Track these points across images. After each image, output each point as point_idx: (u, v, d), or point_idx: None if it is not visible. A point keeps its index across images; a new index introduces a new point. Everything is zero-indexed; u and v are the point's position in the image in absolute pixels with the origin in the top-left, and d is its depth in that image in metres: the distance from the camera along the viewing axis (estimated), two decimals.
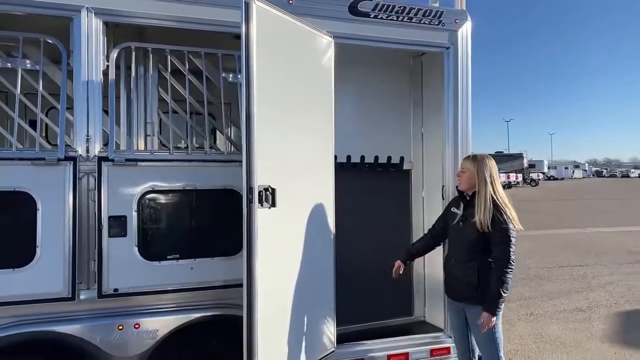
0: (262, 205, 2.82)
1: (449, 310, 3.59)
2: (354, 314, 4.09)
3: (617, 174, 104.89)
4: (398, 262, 3.62)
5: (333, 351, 3.52)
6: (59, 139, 2.98)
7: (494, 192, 3.19)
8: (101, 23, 3.13)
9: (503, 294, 3.09)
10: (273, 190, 2.87)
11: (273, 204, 2.88)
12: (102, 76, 3.13)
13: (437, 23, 3.89)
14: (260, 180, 2.80)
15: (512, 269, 3.11)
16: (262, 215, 2.81)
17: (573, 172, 79.07)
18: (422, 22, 3.85)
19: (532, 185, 51.10)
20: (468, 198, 3.32)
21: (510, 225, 3.14)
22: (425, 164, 4.63)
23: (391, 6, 3.75)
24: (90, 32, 3.08)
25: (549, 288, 8.18)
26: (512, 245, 3.11)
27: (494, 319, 3.12)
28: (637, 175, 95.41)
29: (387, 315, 4.53)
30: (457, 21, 3.96)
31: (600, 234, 14.79)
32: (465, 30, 3.99)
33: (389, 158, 4.50)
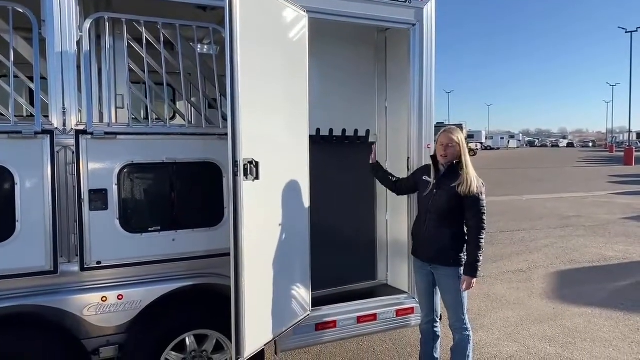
0: (247, 178, 2.91)
1: (415, 272, 3.84)
2: (322, 279, 4.27)
3: (548, 143, 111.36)
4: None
5: (308, 314, 3.71)
6: (35, 112, 2.92)
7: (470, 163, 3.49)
8: None
9: (480, 258, 3.40)
10: (257, 163, 2.96)
11: (257, 177, 2.97)
12: (76, 47, 3.06)
13: (404, 0, 4.03)
14: (245, 153, 2.89)
15: (484, 233, 3.41)
16: (247, 188, 2.91)
17: (508, 142, 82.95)
18: None
19: (471, 155, 52.77)
20: (445, 168, 3.54)
21: (483, 196, 3.42)
22: (388, 137, 4.82)
23: None
24: (63, 0, 2.99)
25: (493, 251, 8.76)
26: (485, 214, 3.41)
27: (474, 280, 3.43)
28: (566, 145, 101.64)
29: (353, 280, 4.77)
30: None
31: (534, 201, 15.79)
32: (430, 8, 4.15)
33: (356, 131, 4.67)
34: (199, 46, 4.06)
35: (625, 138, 71.18)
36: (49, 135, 2.92)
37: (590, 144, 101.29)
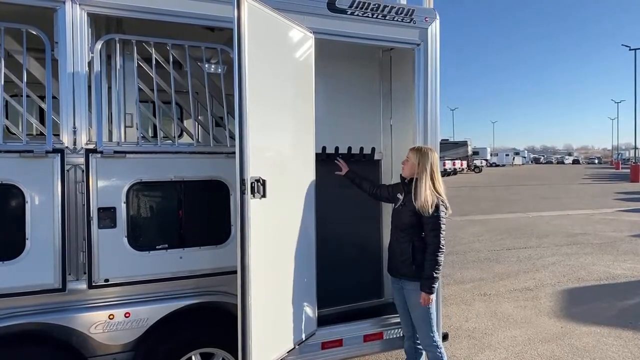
0: (254, 196, 2.93)
1: (392, 287, 3.97)
2: (328, 297, 4.27)
3: (553, 160, 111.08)
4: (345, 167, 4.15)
5: (314, 333, 3.70)
6: (47, 131, 2.97)
7: (433, 182, 3.58)
8: (85, 14, 3.11)
9: (435, 275, 3.50)
10: (264, 181, 2.99)
11: (264, 195, 3.00)
12: (87, 68, 3.12)
13: (409, 21, 4.09)
14: (252, 172, 2.92)
15: (442, 252, 3.52)
16: (254, 206, 2.93)
17: (513, 159, 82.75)
18: (395, 19, 4.03)
19: (476, 172, 52.96)
20: (406, 182, 3.69)
21: (442, 214, 3.52)
22: (393, 154, 4.85)
23: (367, 4, 3.90)
24: (75, 23, 3.06)
25: (499, 269, 8.71)
26: (442, 232, 3.51)
27: (432, 296, 3.53)
28: (572, 162, 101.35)
29: (359, 298, 4.75)
30: (427, 19, 4.17)
31: (540, 218, 15.70)
32: (435, 28, 4.21)
33: (362, 149, 4.70)
34: (206, 66, 4.13)
35: (632, 155, 70.93)
36: (59, 154, 2.97)
37: (596, 161, 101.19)
